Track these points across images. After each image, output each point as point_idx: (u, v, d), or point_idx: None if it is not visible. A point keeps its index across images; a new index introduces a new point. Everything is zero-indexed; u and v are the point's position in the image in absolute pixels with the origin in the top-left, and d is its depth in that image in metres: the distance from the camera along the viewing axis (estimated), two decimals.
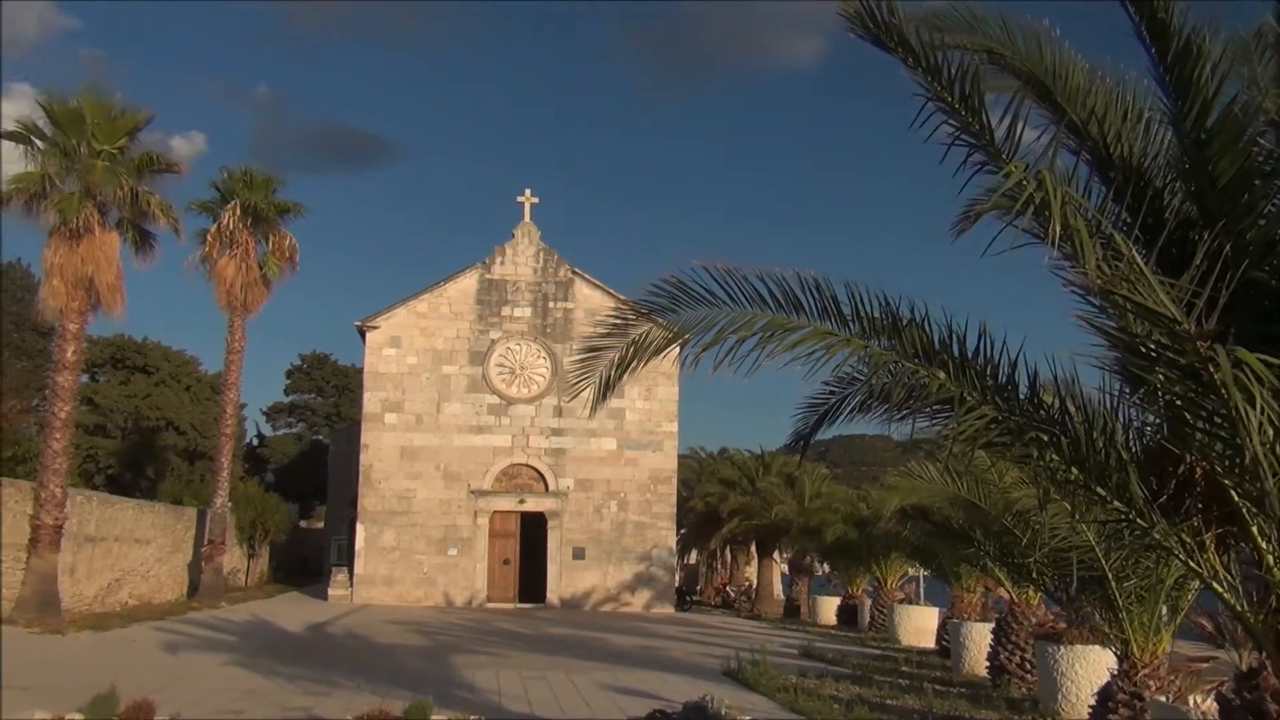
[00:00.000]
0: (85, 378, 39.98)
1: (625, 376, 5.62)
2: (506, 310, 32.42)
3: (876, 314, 5.18)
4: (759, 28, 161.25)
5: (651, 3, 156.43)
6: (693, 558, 46.04)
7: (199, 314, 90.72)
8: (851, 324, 5.18)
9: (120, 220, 21.64)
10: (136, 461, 49.41)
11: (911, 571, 26.79)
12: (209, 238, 29.23)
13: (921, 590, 26.05)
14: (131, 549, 27.00)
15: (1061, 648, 11.53)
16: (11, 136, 20.82)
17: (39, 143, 20.68)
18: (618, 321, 5.76)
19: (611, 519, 31.65)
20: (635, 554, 31.57)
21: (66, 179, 20.62)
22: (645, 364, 5.60)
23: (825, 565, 37.89)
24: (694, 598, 36.97)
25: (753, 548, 38.98)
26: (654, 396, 31.84)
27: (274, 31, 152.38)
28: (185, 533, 31.13)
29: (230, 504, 30.67)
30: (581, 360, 5.64)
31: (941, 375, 4.99)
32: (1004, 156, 4.62)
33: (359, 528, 31.12)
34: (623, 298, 31.27)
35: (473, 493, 31.20)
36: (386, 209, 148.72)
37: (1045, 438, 4.83)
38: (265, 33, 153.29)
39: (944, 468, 11.30)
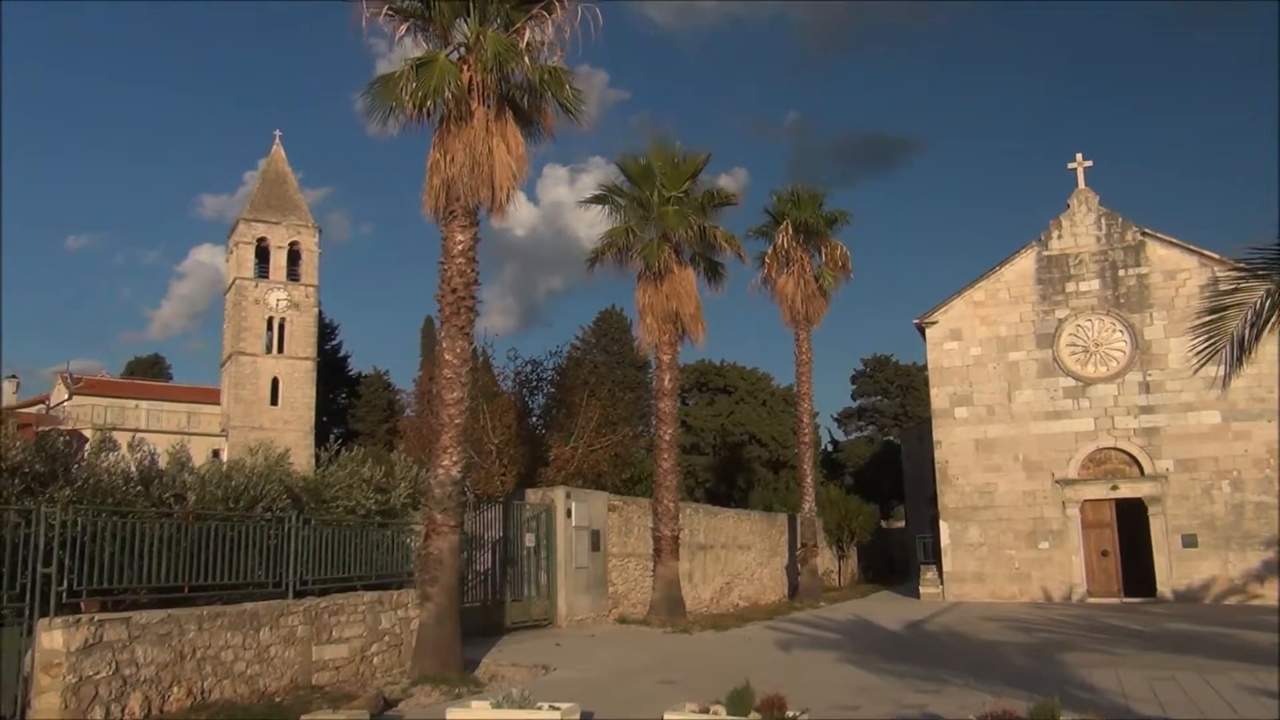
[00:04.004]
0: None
1: (1263, 335, 4.87)
2: (1071, 286, 30.42)
3: None
4: None
5: None
6: None
7: (766, 332, 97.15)
8: None
9: (693, 256, 23.84)
10: (727, 474, 53.92)
11: None
12: (766, 259, 31.08)
13: None
14: (735, 555, 29.36)
15: None
16: (597, 200, 23.87)
17: (620, 200, 23.46)
18: (1241, 271, 5.02)
19: (1224, 501, 28.14)
20: (1260, 539, 27.70)
21: (645, 228, 23.16)
22: None
23: None
24: None
25: None
26: (1259, 359, 27.72)
27: (794, 60, 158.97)
28: (779, 537, 33.20)
29: (816, 508, 32.09)
30: (1205, 325, 4.98)
31: None
32: None
33: (942, 525, 30.92)
34: (1210, 254, 28.01)
35: (1058, 482, 29.55)
36: (923, 205, 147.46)
37: None
38: (787, 63, 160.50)
39: None
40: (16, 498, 10.80)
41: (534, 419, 30.08)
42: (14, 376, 64.00)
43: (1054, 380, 30.13)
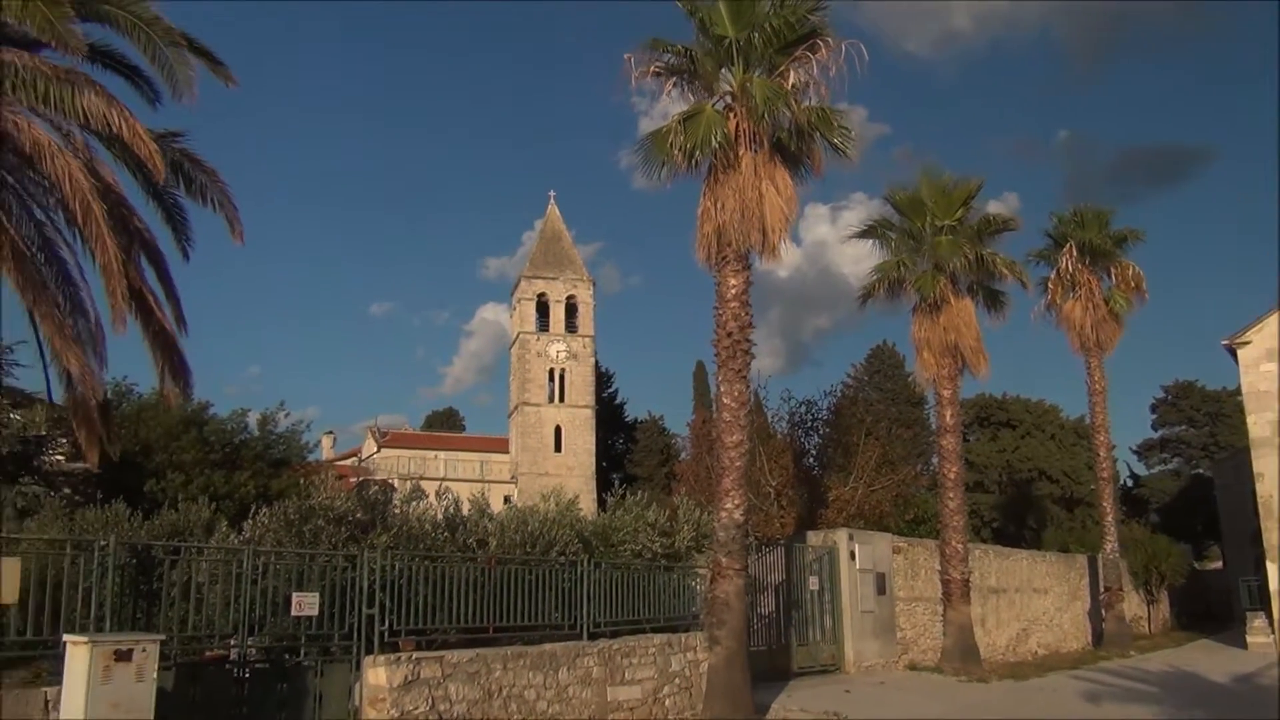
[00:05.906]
0: None
1: None
2: None
3: None
4: None
5: None
6: None
7: (1050, 361, 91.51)
8: None
9: (970, 285, 22.92)
10: (1016, 513, 51.10)
11: None
12: (1049, 284, 29.49)
13: None
14: (1031, 599, 27.69)
15: None
16: (866, 234, 23.45)
17: (889, 233, 22.97)
18: None
19: None
20: None
21: (918, 259, 22.53)
22: None
23: None
24: None
25: None
26: None
27: (1059, 77, 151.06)
28: (1079, 580, 31.04)
29: (1119, 549, 29.77)
30: None
31: None
32: None
33: (1269, 567, 27.79)
34: None
35: None
36: (1221, 217, 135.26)
37: None
38: (1052, 81, 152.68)
39: None
40: (343, 544, 11.82)
41: (810, 460, 29.74)
42: (330, 432, 70.57)
43: None
